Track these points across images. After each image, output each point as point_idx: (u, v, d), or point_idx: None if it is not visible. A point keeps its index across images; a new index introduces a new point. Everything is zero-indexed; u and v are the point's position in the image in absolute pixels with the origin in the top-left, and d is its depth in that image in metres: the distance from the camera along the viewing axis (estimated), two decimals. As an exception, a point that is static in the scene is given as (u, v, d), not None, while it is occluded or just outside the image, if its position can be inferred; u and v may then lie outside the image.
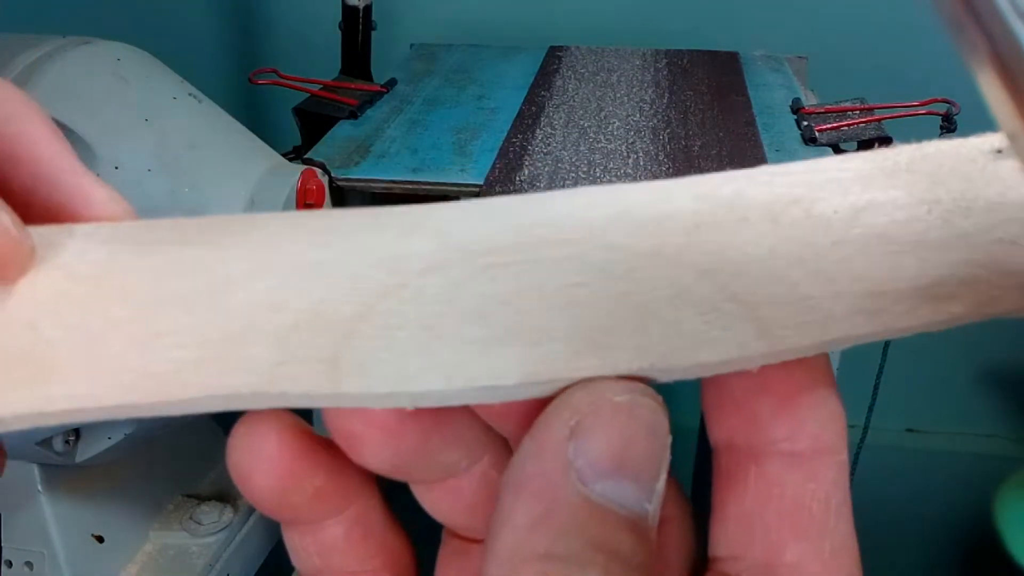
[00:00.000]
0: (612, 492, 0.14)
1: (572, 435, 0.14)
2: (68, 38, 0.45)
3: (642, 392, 0.15)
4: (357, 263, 0.15)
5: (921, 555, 1.19)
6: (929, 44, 0.88)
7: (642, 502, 0.14)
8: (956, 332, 0.57)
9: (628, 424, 0.14)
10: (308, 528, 0.18)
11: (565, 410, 0.14)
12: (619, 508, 0.14)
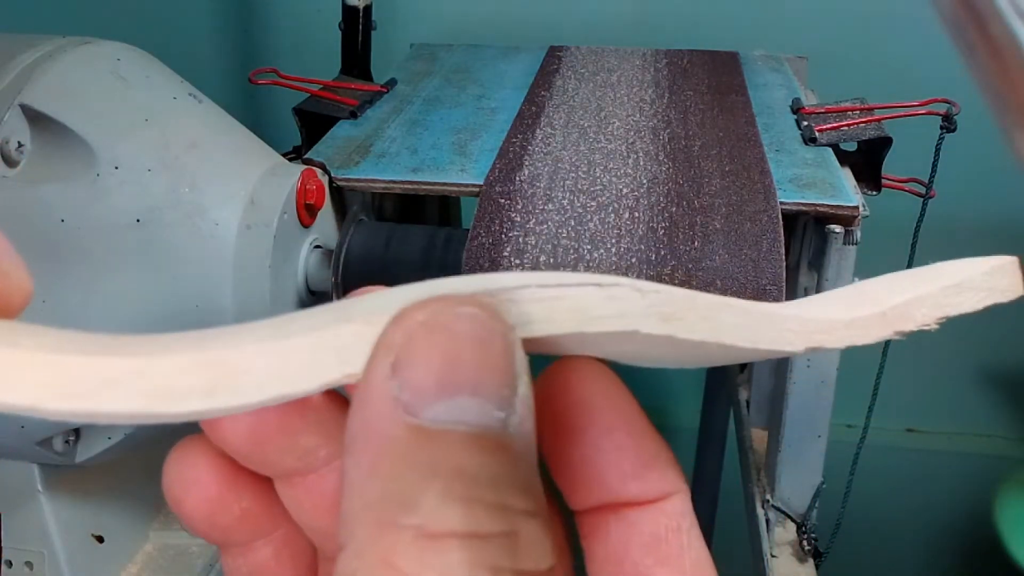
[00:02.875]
0: (446, 413, 0.13)
1: (392, 372, 0.14)
2: (68, 38, 0.45)
3: (461, 303, 0.14)
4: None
5: (921, 555, 1.19)
6: (929, 44, 0.88)
7: (489, 412, 0.13)
8: (956, 332, 0.57)
9: (448, 341, 0.14)
10: (240, 550, 0.18)
11: (380, 350, 0.14)
12: (457, 426, 0.13)
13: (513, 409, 0.14)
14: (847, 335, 0.16)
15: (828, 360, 0.57)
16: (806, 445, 0.60)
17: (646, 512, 0.17)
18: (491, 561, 0.12)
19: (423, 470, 0.13)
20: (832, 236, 0.49)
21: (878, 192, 0.58)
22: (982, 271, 0.17)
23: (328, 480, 0.17)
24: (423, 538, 0.12)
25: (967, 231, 0.99)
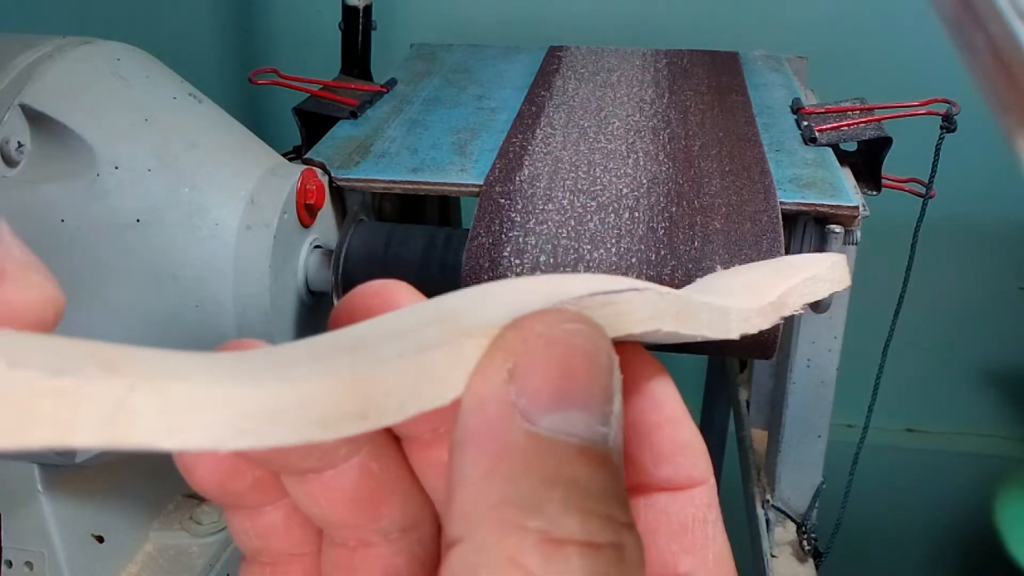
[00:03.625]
0: (560, 424, 0.14)
1: (511, 377, 0.14)
2: (68, 38, 0.45)
3: (573, 319, 0.15)
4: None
5: (921, 555, 1.19)
6: (929, 44, 0.88)
7: (594, 427, 0.14)
8: (956, 332, 0.57)
9: (564, 354, 0.14)
10: (249, 513, 0.18)
11: (499, 354, 0.14)
12: (570, 438, 0.14)
13: (611, 425, 0.14)
14: (757, 322, 0.18)
15: (828, 360, 0.57)
16: (806, 445, 0.60)
17: (675, 499, 0.17)
18: (603, 570, 0.13)
19: (544, 477, 0.13)
20: (832, 236, 0.49)
21: (878, 192, 0.58)
22: (826, 265, 0.19)
23: (347, 476, 0.17)
24: (547, 542, 0.13)
25: (967, 231, 0.99)
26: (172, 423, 0.12)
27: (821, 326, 0.56)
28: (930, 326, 1.04)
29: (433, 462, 0.17)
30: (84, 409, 0.12)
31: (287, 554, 0.19)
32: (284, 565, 0.19)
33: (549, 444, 0.14)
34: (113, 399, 0.12)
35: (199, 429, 0.12)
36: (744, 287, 0.19)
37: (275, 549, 0.18)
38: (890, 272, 0.63)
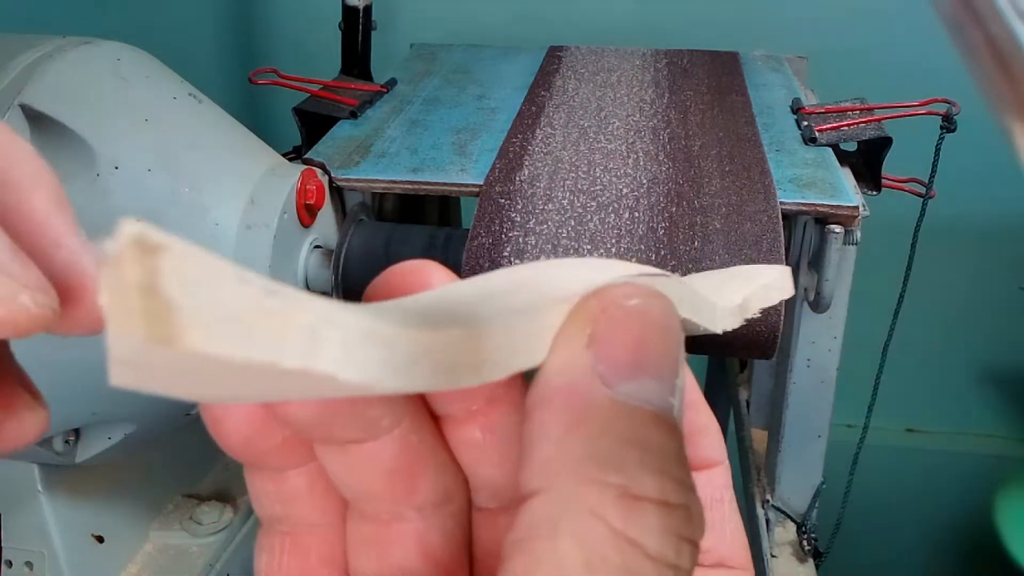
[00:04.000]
0: (636, 391, 0.15)
1: (590, 342, 0.15)
2: (68, 38, 0.45)
3: (652, 295, 0.16)
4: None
5: (921, 555, 1.19)
6: (929, 44, 0.88)
7: (666, 397, 0.15)
8: (956, 332, 0.57)
9: (642, 326, 0.15)
10: (272, 475, 0.18)
11: (579, 320, 0.15)
12: (645, 404, 0.15)
13: (677, 396, 0.15)
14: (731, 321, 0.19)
15: (828, 360, 0.57)
16: (806, 445, 0.60)
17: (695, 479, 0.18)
18: (676, 529, 0.14)
19: (623, 438, 0.14)
20: (832, 236, 0.49)
21: (878, 192, 0.58)
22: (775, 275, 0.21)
23: (387, 448, 0.17)
24: (626, 497, 0.14)
25: (967, 231, 0.99)
26: (350, 357, 0.13)
27: (821, 326, 0.56)
28: (930, 326, 1.04)
29: (465, 439, 0.18)
30: (290, 332, 0.12)
31: (308, 523, 0.18)
32: (303, 536, 0.18)
33: (626, 408, 0.14)
34: (310, 327, 0.12)
35: (369, 366, 0.13)
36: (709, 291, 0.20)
37: (296, 517, 0.18)
38: (890, 272, 0.63)
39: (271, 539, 0.19)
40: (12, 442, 0.17)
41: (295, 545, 0.18)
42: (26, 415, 0.18)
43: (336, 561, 0.18)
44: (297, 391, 0.14)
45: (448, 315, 0.15)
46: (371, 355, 0.13)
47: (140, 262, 0.11)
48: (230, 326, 0.12)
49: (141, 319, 0.11)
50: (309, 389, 0.14)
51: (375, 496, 0.17)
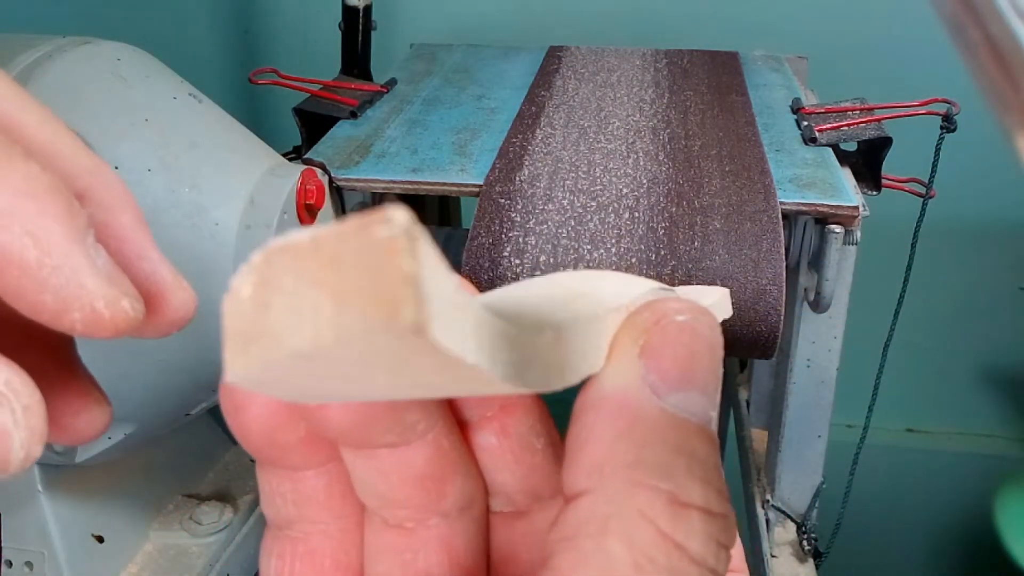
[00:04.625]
0: (683, 403, 0.15)
1: (642, 353, 0.16)
2: (68, 38, 0.45)
3: (701, 311, 0.16)
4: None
5: (921, 555, 1.19)
6: (929, 44, 0.88)
7: (708, 410, 0.16)
8: (956, 332, 0.57)
9: (693, 341, 0.16)
10: (288, 474, 0.18)
11: (634, 330, 0.16)
12: (692, 416, 0.15)
13: (716, 410, 0.16)
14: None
15: (828, 360, 0.57)
16: (806, 445, 0.60)
17: None
18: (716, 535, 0.15)
19: (672, 447, 0.15)
20: (832, 236, 0.49)
21: (878, 192, 0.58)
22: (717, 296, 0.21)
23: (420, 453, 0.17)
24: (675, 503, 0.14)
25: (967, 231, 0.99)
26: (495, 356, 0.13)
27: (821, 326, 0.56)
28: (930, 326, 1.04)
29: (481, 444, 0.18)
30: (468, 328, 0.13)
31: (323, 527, 0.18)
32: (317, 540, 0.18)
33: (675, 419, 0.15)
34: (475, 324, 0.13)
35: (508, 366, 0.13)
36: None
37: (311, 519, 0.18)
38: (890, 272, 0.63)
39: (282, 544, 0.18)
40: (83, 435, 0.19)
41: (308, 550, 0.18)
42: (96, 410, 0.19)
43: (351, 568, 0.18)
44: (440, 388, 0.14)
45: (536, 317, 0.15)
46: (505, 355, 0.13)
47: (411, 251, 0.11)
48: (448, 319, 0.12)
49: (410, 309, 0.11)
50: (453, 386, 0.14)
51: (402, 502, 0.17)
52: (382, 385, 0.14)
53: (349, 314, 0.11)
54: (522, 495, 0.18)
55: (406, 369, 0.13)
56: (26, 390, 0.16)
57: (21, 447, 0.15)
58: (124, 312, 0.16)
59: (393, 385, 0.14)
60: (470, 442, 0.18)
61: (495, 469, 0.18)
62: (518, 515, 0.18)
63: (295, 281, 0.12)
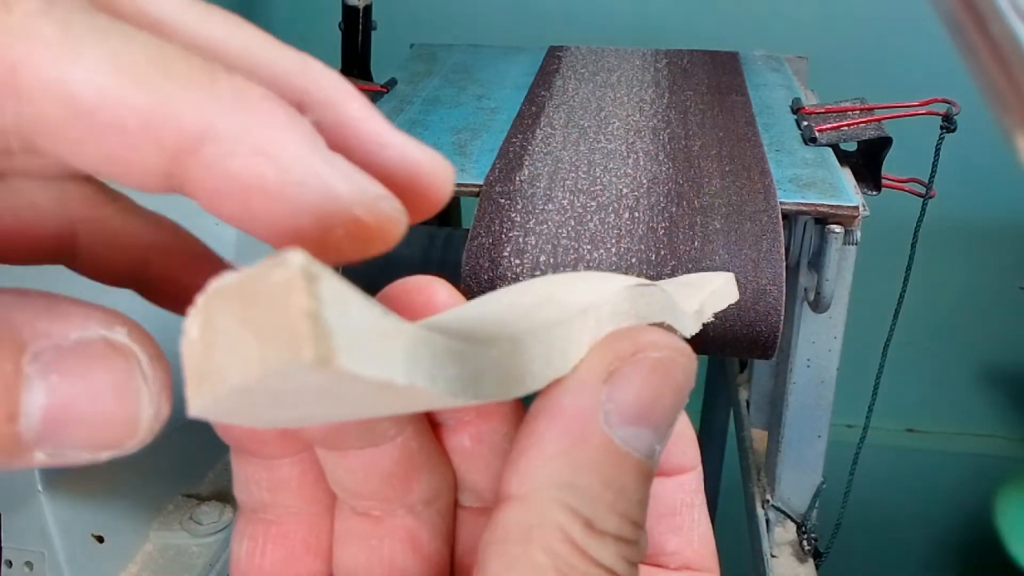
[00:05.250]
0: (632, 438, 0.16)
1: (608, 379, 0.16)
2: (68, 38, 0.45)
3: (680, 351, 0.17)
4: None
5: (921, 555, 1.19)
6: (929, 44, 0.88)
7: (653, 446, 0.16)
8: (956, 332, 0.57)
9: (661, 381, 0.16)
10: (264, 463, 0.18)
11: (609, 354, 0.16)
12: (634, 452, 0.16)
13: (663, 446, 0.17)
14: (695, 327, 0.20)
15: (828, 360, 0.57)
16: (806, 445, 0.60)
17: (666, 484, 0.19)
18: (626, 555, 0.16)
19: (604, 479, 0.16)
20: (832, 236, 0.49)
21: (878, 192, 0.58)
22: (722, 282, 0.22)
23: (388, 455, 0.17)
24: (589, 527, 0.15)
25: (967, 231, 0.99)
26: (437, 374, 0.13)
27: (821, 326, 0.56)
28: (930, 326, 1.04)
29: (455, 446, 0.18)
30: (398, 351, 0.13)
31: (294, 511, 0.18)
32: (289, 524, 0.19)
33: (616, 452, 0.16)
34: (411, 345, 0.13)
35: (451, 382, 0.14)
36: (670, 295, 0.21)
37: (284, 504, 0.18)
38: (890, 272, 0.63)
39: (254, 526, 0.19)
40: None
41: (280, 532, 0.19)
42: None
43: (320, 551, 0.19)
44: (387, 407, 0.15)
45: (493, 329, 0.16)
46: (451, 372, 0.14)
47: (307, 290, 0.12)
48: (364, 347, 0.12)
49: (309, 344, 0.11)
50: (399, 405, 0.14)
51: (369, 495, 0.18)
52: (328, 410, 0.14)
53: (268, 351, 0.12)
54: (491, 493, 0.18)
55: (342, 396, 0.13)
56: (148, 341, 0.14)
57: (151, 403, 0.14)
58: (387, 214, 0.15)
59: (337, 410, 0.14)
60: (445, 442, 0.18)
61: (466, 469, 0.18)
62: (486, 510, 0.19)
63: (229, 321, 0.12)
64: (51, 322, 0.13)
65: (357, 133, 0.17)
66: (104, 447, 0.14)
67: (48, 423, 0.13)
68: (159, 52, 0.13)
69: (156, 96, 0.13)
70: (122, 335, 0.14)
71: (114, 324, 0.14)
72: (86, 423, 0.14)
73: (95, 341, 0.14)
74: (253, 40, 0.16)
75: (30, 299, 0.14)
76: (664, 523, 0.19)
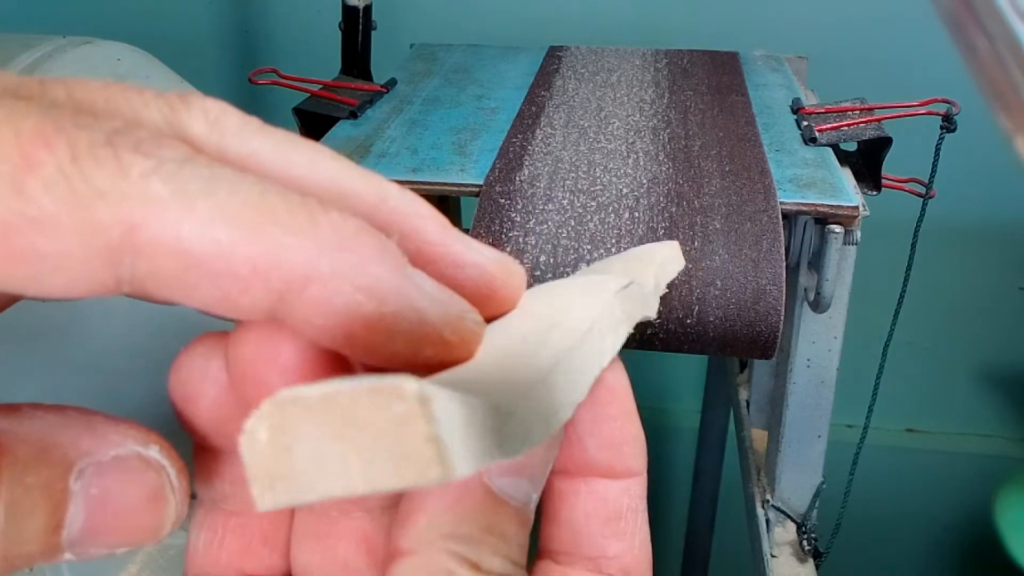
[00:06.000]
0: (509, 487, 0.17)
1: None
2: (68, 38, 0.45)
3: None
4: None
5: (921, 555, 1.19)
6: (929, 44, 0.88)
7: (530, 494, 0.18)
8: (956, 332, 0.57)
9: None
10: (227, 456, 0.18)
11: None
12: (512, 500, 0.17)
13: (539, 492, 0.18)
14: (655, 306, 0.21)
15: (828, 360, 0.57)
16: (806, 445, 0.60)
17: (613, 487, 0.20)
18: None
19: (485, 526, 0.17)
20: (832, 236, 0.49)
21: (878, 192, 0.58)
22: (668, 251, 0.22)
23: None
24: (478, 570, 0.16)
25: (967, 231, 0.99)
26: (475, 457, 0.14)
27: (821, 326, 0.56)
28: (930, 326, 1.04)
29: None
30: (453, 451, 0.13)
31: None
32: (247, 516, 0.19)
33: (496, 501, 0.17)
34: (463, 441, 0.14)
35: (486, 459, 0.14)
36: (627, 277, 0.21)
37: (245, 497, 0.19)
38: (890, 272, 0.63)
39: (214, 517, 0.19)
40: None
41: (239, 524, 0.19)
42: None
43: (278, 546, 0.19)
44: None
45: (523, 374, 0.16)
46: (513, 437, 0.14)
47: (424, 416, 0.12)
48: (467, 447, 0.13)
49: (435, 467, 0.12)
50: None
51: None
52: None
53: (377, 469, 0.12)
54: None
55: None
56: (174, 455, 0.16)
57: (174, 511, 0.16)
58: (470, 331, 0.17)
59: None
60: None
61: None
62: None
63: (315, 431, 0.13)
64: (93, 440, 0.15)
65: (436, 254, 0.18)
66: (127, 547, 0.16)
67: (85, 533, 0.15)
68: (262, 198, 0.14)
69: (264, 243, 0.14)
70: (155, 451, 0.16)
71: (148, 441, 0.16)
72: (118, 531, 0.16)
73: (130, 457, 0.15)
74: (334, 168, 0.18)
75: (72, 418, 0.15)
76: (608, 527, 0.19)
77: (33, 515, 0.14)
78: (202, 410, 0.17)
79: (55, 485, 0.14)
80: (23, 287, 0.13)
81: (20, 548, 0.14)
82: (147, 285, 0.14)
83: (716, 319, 0.45)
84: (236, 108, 0.17)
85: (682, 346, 0.46)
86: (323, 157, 0.17)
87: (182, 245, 0.13)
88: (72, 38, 0.45)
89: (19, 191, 0.13)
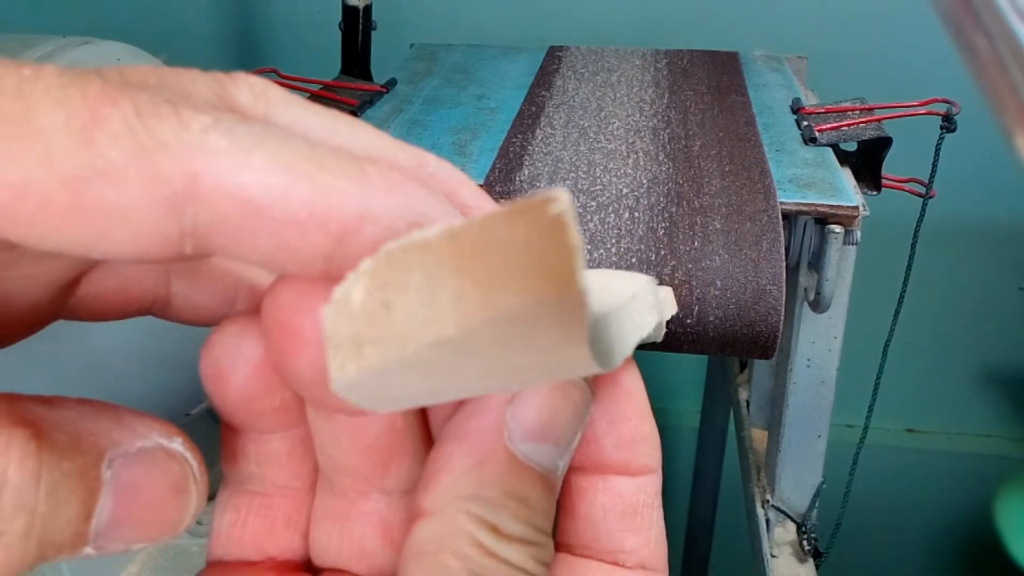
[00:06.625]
0: (533, 453, 0.17)
1: (511, 400, 0.17)
2: (68, 38, 0.45)
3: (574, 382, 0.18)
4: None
5: (921, 555, 1.19)
6: (929, 44, 0.88)
7: (556, 461, 0.18)
8: (956, 332, 0.57)
9: (559, 400, 0.18)
10: (255, 436, 0.19)
11: None
12: (536, 466, 0.17)
13: (567, 457, 0.18)
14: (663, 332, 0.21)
15: (828, 360, 0.57)
16: (806, 445, 0.60)
17: (629, 483, 0.20)
18: (534, 555, 0.17)
19: (507, 490, 0.17)
20: (832, 236, 0.49)
21: (878, 192, 0.58)
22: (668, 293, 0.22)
23: (374, 425, 0.18)
24: (499, 532, 0.17)
25: (967, 231, 0.99)
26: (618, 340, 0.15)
27: (821, 326, 0.56)
28: (930, 326, 1.04)
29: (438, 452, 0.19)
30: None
31: (279, 485, 0.19)
32: (271, 497, 0.19)
33: (519, 466, 0.17)
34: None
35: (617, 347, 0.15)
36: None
37: (270, 478, 0.19)
38: (890, 272, 0.63)
39: (239, 497, 0.20)
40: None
41: (264, 504, 0.19)
42: None
43: (300, 527, 0.20)
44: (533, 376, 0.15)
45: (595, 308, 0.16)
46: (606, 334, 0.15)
47: (574, 227, 0.12)
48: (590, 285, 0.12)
49: (576, 279, 0.11)
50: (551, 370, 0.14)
51: (349, 469, 0.19)
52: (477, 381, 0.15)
53: (504, 294, 0.12)
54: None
55: (523, 354, 0.13)
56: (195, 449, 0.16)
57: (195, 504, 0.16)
58: None
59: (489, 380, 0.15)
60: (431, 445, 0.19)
61: None
62: None
63: (426, 275, 0.12)
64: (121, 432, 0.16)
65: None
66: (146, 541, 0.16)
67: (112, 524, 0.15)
68: (311, 150, 0.15)
69: (318, 188, 0.15)
70: (179, 444, 0.16)
71: (172, 434, 0.16)
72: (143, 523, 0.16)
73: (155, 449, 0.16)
74: (373, 136, 0.18)
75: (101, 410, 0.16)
76: (625, 521, 0.20)
77: (69, 501, 0.14)
78: (232, 388, 0.18)
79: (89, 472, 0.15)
80: (91, 246, 0.14)
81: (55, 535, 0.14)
82: (209, 236, 0.14)
83: (716, 319, 0.45)
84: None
85: (682, 346, 0.46)
86: (363, 127, 0.18)
87: (242, 192, 0.14)
88: (72, 38, 0.45)
89: (88, 144, 0.13)
